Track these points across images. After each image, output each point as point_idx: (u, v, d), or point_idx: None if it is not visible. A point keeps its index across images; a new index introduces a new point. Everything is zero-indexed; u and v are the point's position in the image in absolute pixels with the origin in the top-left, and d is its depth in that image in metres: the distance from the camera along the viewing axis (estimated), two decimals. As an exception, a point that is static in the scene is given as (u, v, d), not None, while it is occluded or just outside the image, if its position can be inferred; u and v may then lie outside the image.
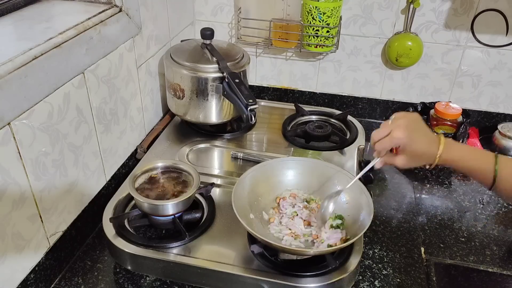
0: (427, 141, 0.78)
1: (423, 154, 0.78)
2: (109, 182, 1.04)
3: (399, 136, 0.76)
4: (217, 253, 0.86)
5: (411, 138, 0.76)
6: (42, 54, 0.76)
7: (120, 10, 1.00)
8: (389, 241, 0.99)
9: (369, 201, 0.87)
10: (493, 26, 1.24)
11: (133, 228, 0.92)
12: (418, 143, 0.77)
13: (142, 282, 0.88)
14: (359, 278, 0.89)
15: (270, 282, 0.80)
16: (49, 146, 0.81)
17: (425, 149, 0.77)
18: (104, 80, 0.96)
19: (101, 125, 0.97)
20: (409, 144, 0.76)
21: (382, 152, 0.81)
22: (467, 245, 0.99)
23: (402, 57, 1.28)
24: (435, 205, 1.10)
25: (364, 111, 1.46)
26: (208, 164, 1.14)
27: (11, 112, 0.70)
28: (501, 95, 1.34)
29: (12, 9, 0.93)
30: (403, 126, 0.77)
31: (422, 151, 0.77)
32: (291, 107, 1.37)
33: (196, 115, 1.19)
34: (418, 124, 0.79)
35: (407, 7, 1.26)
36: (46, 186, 0.81)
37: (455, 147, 0.78)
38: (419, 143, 0.77)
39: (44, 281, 0.84)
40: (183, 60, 1.14)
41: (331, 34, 1.25)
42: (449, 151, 0.77)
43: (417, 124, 0.79)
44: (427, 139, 0.78)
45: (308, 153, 1.17)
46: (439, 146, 0.77)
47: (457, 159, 0.78)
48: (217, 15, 1.42)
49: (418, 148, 0.77)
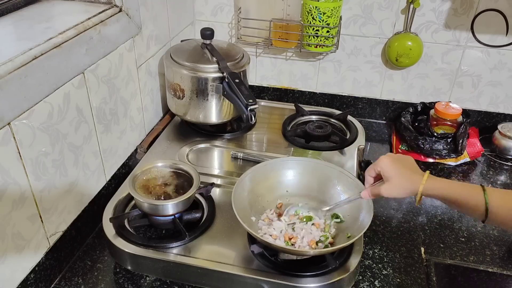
0: (410, 171, 0.80)
1: (406, 181, 0.79)
2: (109, 182, 1.04)
3: (383, 160, 0.81)
4: (217, 253, 0.86)
5: (394, 165, 0.80)
6: (42, 54, 0.76)
7: (120, 10, 1.00)
8: (389, 241, 0.99)
9: (369, 201, 0.87)
10: (493, 26, 1.24)
11: (133, 228, 0.91)
12: (401, 170, 0.80)
13: (142, 282, 0.88)
14: (359, 278, 0.89)
15: (270, 282, 0.80)
16: (49, 146, 0.81)
17: (407, 176, 0.79)
18: (104, 80, 0.96)
19: (101, 125, 0.97)
20: (391, 170, 0.80)
21: (367, 179, 0.86)
22: (467, 245, 0.99)
23: (402, 57, 1.28)
24: (435, 205, 1.10)
25: (364, 111, 1.46)
26: (208, 164, 1.14)
27: (11, 112, 0.70)
28: (501, 95, 1.34)
29: (12, 9, 0.93)
30: (390, 155, 0.82)
31: (405, 178, 0.79)
32: (291, 107, 1.37)
33: (196, 115, 1.19)
34: (404, 158, 0.83)
35: (407, 7, 1.26)
36: (46, 186, 0.81)
37: (440, 180, 0.79)
38: (401, 170, 0.80)
39: (44, 281, 0.84)
40: (183, 60, 1.14)
41: (331, 34, 1.25)
42: (434, 182, 0.78)
43: (403, 158, 0.83)
44: (411, 169, 0.81)
45: (308, 153, 1.17)
46: (423, 176, 0.78)
47: (443, 192, 0.77)
48: (217, 15, 1.42)
49: (400, 174, 0.79)
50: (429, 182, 0.77)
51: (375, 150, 1.32)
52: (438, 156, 1.23)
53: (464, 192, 0.75)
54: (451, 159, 1.24)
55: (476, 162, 1.27)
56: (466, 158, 1.25)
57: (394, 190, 0.80)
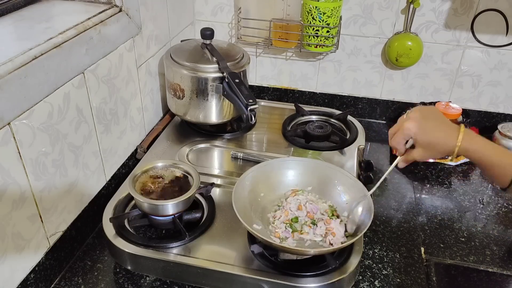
0: (443, 130, 0.74)
1: (439, 143, 0.74)
2: (109, 182, 1.04)
3: (409, 127, 0.75)
4: (217, 253, 0.86)
5: (423, 128, 0.74)
6: (42, 54, 0.76)
7: (120, 10, 1.00)
8: (389, 241, 0.99)
9: (369, 201, 0.87)
10: (493, 26, 1.24)
11: (133, 228, 0.92)
12: (431, 132, 0.74)
13: (142, 282, 0.88)
14: (359, 278, 0.89)
15: (270, 282, 0.80)
16: (49, 146, 0.81)
17: (440, 138, 0.74)
18: (104, 80, 0.96)
19: (101, 125, 0.97)
20: (420, 134, 0.74)
21: (399, 147, 0.79)
22: (467, 245, 0.99)
23: (402, 57, 1.28)
24: (435, 205, 1.11)
25: (364, 111, 1.46)
26: (208, 164, 1.14)
27: (11, 112, 0.70)
28: (501, 95, 1.34)
29: (12, 9, 0.93)
30: (414, 117, 0.75)
31: (437, 140, 0.74)
32: (291, 107, 1.37)
33: (196, 115, 1.19)
34: (432, 115, 0.76)
35: (407, 7, 1.26)
36: (46, 186, 0.81)
37: (476, 139, 0.74)
38: (432, 132, 0.74)
39: (44, 281, 0.84)
40: (183, 60, 1.14)
41: (331, 34, 1.25)
42: (469, 141, 0.73)
43: (432, 114, 0.76)
44: (443, 128, 0.75)
45: (308, 153, 1.17)
46: (458, 135, 0.73)
47: (479, 150, 0.73)
48: (217, 15, 1.42)
49: (432, 137, 0.74)
50: (464, 141, 0.72)
51: (375, 150, 1.32)
52: (438, 156, 1.23)
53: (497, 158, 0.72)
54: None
55: (476, 162, 1.27)
56: (466, 158, 1.25)
57: (430, 154, 0.76)
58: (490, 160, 0.73)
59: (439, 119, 0.76)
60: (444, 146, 0.74)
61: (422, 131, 0.74)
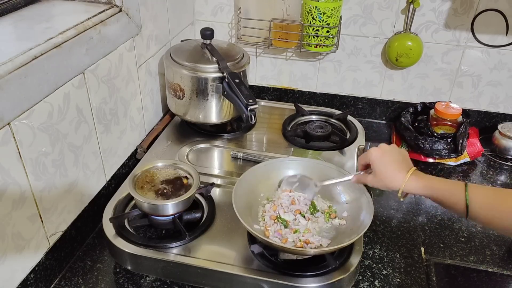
0: (397, 166, 0.81)
1: (387, 177, 0.80)
2: (109, 182, 1.04)
3: (373, 153, 0.82)
4: (217, 253, 0.86)
5: (382, 158, 0.81)
6: (42, 54, 0.76)
7: (120, 10, 1.00)
8: (389, 241, 0.99)
9: (369, 201, 0.87)
10: (493, 26, 1.24)
11: (133, 228, 0.92)
12: (386, 165, 0.81)
13: (142, 282, 0.88)
14: (359, 278, 0.89)
15: (270, 282, 0.80)
16: (49, 146, 0.81)
17: (392, 172, 0.80)
18: (104, 80, 0.96)
19: (101, 125, 0.97)
20: (376, 162, 0.81)
21: (359, 165, 0.88)
22: (467, 245, 0.99)
23: (402, 57, 1.28)
24: (435, 205, 1.10)
25: (364, 111, 1.46)
26: (208, 164, 1.14)
27: (11, 112, 0.70)
28: (501, 95, 1.34)
29: (12, 9, 0.93)
30: (382, 148, 0.83)
31: (389, 173, 0.80)
32: (291, 107, 1.37)
33: (196, 115, 1.19)
34: (396, 154, 0.82)
35: (407, 7, 1.26)
36: (46, 186, 0.81)
37: (424, 177, 0.79)
38: (387, 165, 0.81)
39: (44, 281, 0.84)
40: (183, 60, 1.14)
41: (331, 34, 1.25)
42: (417, 178, 0.78)
43: (396, 154, 0.83)
44: (398, 165, 0.81)
45: (308, 153, 1.17)
46: (407, 173, 0.79)
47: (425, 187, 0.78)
48: (217, 15, 1.42)
49: (384, 169, 0.81)
50: (411, 181, 0.78)
51: (375, 150, 1.32)
52: (438, 156, 1.23)
53: (446, 190, 0.76)
54: (451, 159, 1.24)
55: (476, 162, 1.27)
56: (466, 158, 1.25)
57: (378, 184, 0.82)
58: (441, 194, 0.77)
59: (399, 159, 0.82)
60: (393, 180, 0.80)
61: (379, 160, 0.81)
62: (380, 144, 0.85)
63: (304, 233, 0.86)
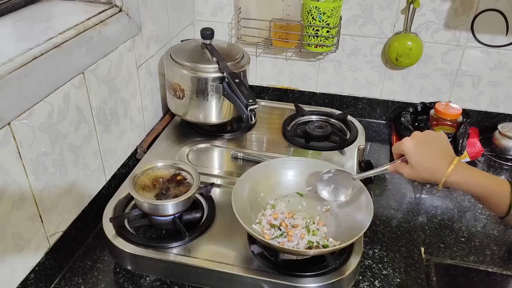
0: (436, 157, 0.75)
1: (428, 168, 0.75)
2: (109, 182, 1.04)
3: (406, 143, 0.77)
4: (217, 253, 0.86)
5: (417, 150, 0.75)
6: (42, 54, 0.76)
7: (120, 10, 1.00)
8: (389, 241, 0.99)
9: (369, 201, 0.87)
10: (493, 26, 1.24)
11: (133, 228, 0.91)
12: (423, 156, 0.75)
13: (142, 282, 0.88)
14: (359, 278, 0.89)
15: (270, 282, 0.80)
16: (49, 146, 0.81)
17: (430, 164, 0.75)
18: (104, 80, 0.96)
19: (101, 125, 0.97)
20: (412, 154, 0.76)
21: (394, 155, 0.83)
22: (467, 245, 0.99)
23: (402, 57, 1.28)
24: (435, 205, 1.10)
25: (364, 111, 1.46)
26: (208, 164, 1.14)
27: (11, 112, 0.70)
28: (501, 95, 1.34)
29: (12, 9, 0.93)
30: (416, 137, 0.77)
31: (426, 165, 0.75)
32: (291, 107, 1.37)
33: (196, 115, 1.19)
34: (434, 141, 0.77)
35: (407, 7, 1.26)
36: (46, 186, 0.81)
37: (468, 170, 0.74)
38: (425, 156, 0.75)
39: (44, 281, 0.84)
40: (183, 60, 1.14)
41: (331, 34, 1.25)
42: (460, 174, 0.73)
43: (434, 140, 0.77)
44: (437, 155, 0.75)
45: (308, 153, 1.17)
46: (449, 165, 0.73)
47: (470, 183, 0.73)
48: (217, 15, 1.42)
49: (422, 161, 0.75)
50: (453, 175, 0.73)
51: (375, 150, 1.32)
52: (438, 156, 1.23)
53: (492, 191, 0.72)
54: (451, 159, 1.24)
55: (476, 162, 1.27)
56: (466, 158, 1.25)
57: (416, 177, 0.77)
58: (485, 191, 0.73)
59: (438, 146, 0.76)
60: (432, 173, 0.75)
61: (415, 151, 0.75)
62: (414, 133, 0.79)
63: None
